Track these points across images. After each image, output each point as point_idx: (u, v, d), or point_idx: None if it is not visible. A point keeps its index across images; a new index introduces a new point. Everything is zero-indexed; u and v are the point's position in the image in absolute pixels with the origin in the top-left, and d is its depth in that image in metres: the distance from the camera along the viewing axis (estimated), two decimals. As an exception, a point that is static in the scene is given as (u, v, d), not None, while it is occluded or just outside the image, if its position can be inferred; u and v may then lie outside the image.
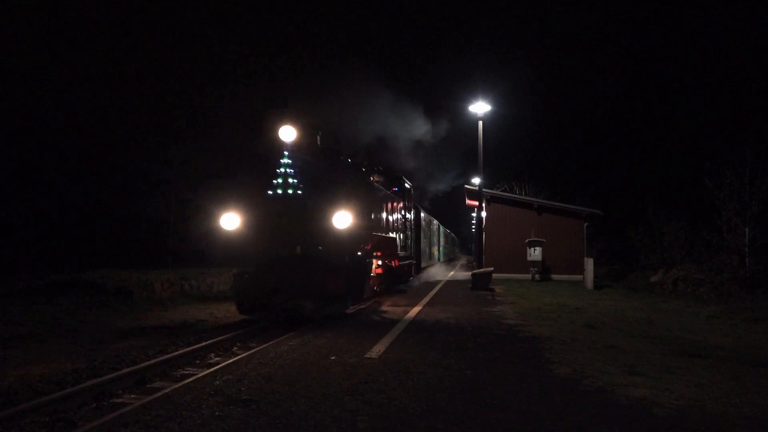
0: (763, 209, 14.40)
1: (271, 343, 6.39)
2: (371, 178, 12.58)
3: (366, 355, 5.70)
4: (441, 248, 31.45)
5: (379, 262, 11.31)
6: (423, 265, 20.05)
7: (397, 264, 13.15)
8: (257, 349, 6.07)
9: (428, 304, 11.07)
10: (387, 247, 11.87)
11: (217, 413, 3.68)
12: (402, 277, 15.00)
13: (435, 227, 26.34)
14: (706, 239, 16.59)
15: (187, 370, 5.51)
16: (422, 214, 19.90)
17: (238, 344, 6.96)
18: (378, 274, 11.17)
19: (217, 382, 4.49)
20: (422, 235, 19.54)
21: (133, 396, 4.60)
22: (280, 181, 8.30)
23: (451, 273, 25.86)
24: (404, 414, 3.77)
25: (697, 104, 54.16)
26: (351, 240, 8.21)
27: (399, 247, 13.54)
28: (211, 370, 4.94)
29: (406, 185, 15.79)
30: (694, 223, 18.49)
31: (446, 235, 39.09)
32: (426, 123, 15.67)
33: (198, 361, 6.02)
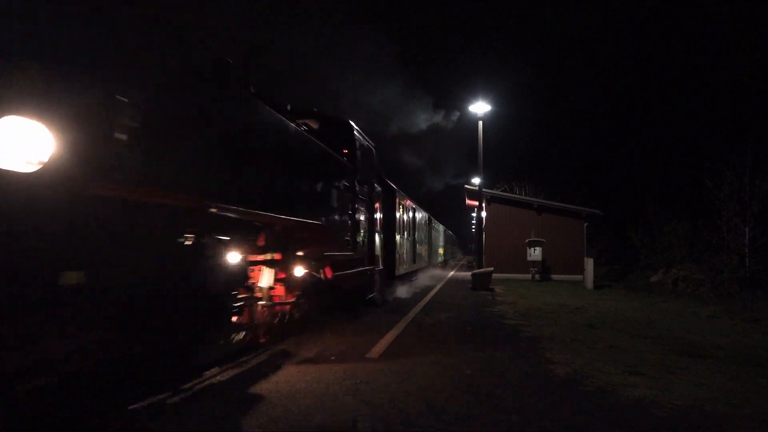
0: (763, 209, 14.42)
1: None
2: (298, 125, 6.53)
3: None
4: (435, 248, 28.38)
5: (285, 274, 5.63)
6: (402, 270, 14.46)
7: (331, 275, 6.95)
8: None
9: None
10: (309, 242, 6.13)
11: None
12: (357, 292, 9.00)
13: (423, 220, 21.45)
14: (706, 239, 16.63)
15: None
16: (402, 200, 14.77)
17: None
18: (275, 298, 5.53)
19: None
20: (401, 228, 14.35)
21: None
22: None
23: (451, 273, 25.84)
24: (404, 413, 3.77)
25: (697, 104, 54.21)
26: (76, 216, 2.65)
27: (345, 245, 7.95)
28: None
29: (364, 141, 9.26)
30: (694, 223, 18.53)
31: (444, 233, 37.22)
32: (427, 102, 13.70)
33: None
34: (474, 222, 32.39)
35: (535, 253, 20.21)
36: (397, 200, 13.63)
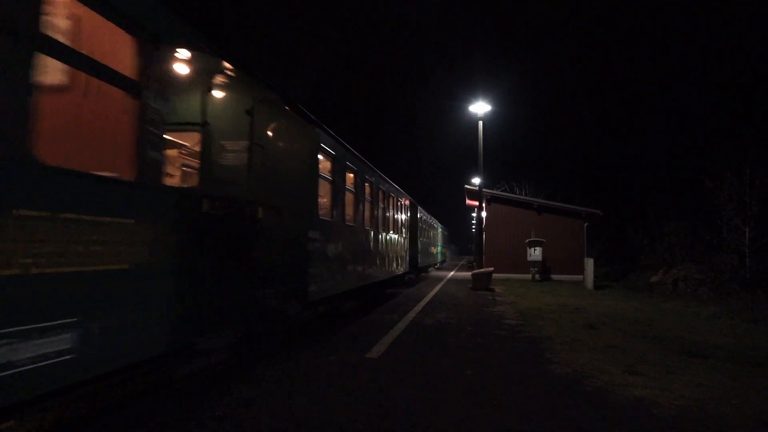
0: (763, 209, 14.42)
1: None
2: None
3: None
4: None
5: None
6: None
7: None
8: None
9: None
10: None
11: None
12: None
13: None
14: (706, 239, 16.64)
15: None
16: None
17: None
18: None
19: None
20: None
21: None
22: None
23: (451, 273, 25.71)
24: (404, 413, 3.77)
25: (697, 104, 54.23)
26: None
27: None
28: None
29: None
30: (694, 224, 18.56)
31: (443, 235, 34.93)
32: None
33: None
34: (474, 222, 32.34)
35: (535, 253, 20.21)
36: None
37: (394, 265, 13.31)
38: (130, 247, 3.05)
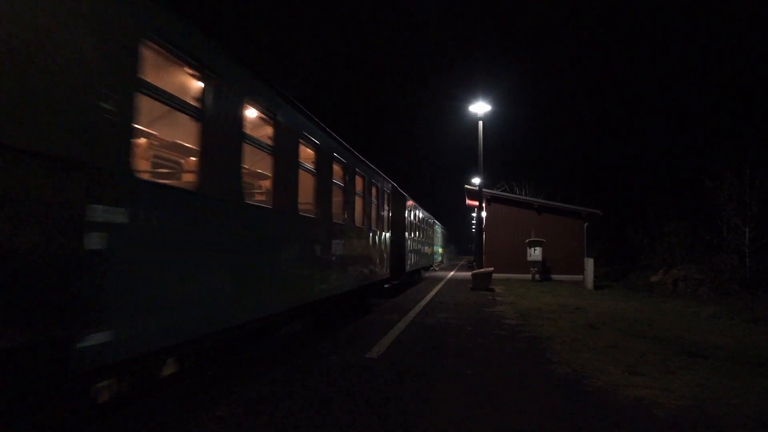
0: (763, 209, 14.44)
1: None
2: None
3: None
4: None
5: None
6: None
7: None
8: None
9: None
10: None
11: None
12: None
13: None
14: (706, 239, 16.66)
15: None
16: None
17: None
18: None
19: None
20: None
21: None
22: None
23: (451, 274, 25.62)
24: (404, 413, 3.77)
25: (697, 104, 54.24)
26: None
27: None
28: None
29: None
30: (695, 224, 18.59)
31: (442, 234, 34.17)
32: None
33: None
34: (474, 222, 32.35)
35: (535, 253, 20.22)
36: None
37: (366, 269, 10.18)
38: None
